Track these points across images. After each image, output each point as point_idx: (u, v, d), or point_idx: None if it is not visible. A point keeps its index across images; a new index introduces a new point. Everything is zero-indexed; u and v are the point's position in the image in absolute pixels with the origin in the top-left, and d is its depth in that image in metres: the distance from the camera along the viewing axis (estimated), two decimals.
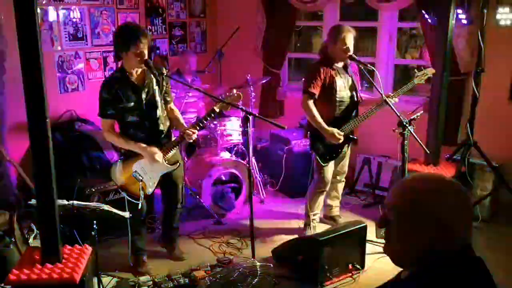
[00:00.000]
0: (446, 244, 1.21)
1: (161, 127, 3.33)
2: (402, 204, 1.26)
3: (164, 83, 3.33)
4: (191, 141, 3.40)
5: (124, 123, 3.25)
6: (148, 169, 3.30)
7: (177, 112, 3.54)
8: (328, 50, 3.70)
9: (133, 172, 3.27)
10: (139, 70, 3.22)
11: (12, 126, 4.20)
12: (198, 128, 3.32)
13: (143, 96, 3.22)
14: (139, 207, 3.27)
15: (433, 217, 1.20)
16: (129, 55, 3.10)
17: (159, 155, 3.24)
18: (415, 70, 3.84)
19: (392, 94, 3.70)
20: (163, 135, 3.35)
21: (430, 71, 3.79)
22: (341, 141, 3.67)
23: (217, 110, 3.29)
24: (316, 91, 3.64)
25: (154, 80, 3.23)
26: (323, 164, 3.79)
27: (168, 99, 3.43)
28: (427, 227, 1.21)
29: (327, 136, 3.66)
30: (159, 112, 3.29)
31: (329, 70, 3.67)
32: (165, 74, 3.21)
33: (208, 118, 3.32)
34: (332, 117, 3.70)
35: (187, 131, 3.27)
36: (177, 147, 3.41)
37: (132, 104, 3.19)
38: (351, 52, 3.61)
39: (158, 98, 3.25)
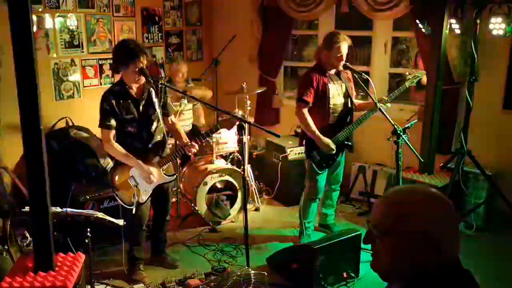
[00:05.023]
0: (435, 258, 1.18)
1: (158, 138, 3.36)
2: (387, 220, 1.22)
3: (163, 94, 3.35)
4: (190, 154, 3.41)
5: (122, 133, 3.26)
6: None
7: (178, 125, 3.57)
8: (322, 56, 3.71)
9: (129, 177, 3.27)
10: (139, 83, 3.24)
11: (7, 133, 4.19)
12: (199, 142, 3.35)
13: (141, 108, 3.25)
14: (133, 212, 3.25)
15: (420, 232, 1.17)
16: (128, 71, 3.15)
17: (154, 177, 3.27)
18: (407, 73, 3.87)
19: (385, 98, 3.68)
20: (159, 146, 3.37)
21: (421, 73, 3.80)
22: (334, 151, 3.68)
23: (219, 126, 3.30)
24: (310, 99, 3.64)
25: (153, 92, 3.24)
26: (320, 172, 3.79)
27: (167, 111, 3.43)
28: (414, 242, 1.18)
29: (321, 145, 3.66)
30: (156, 123, 3.31)
31: (322, 78, 3.66)
32: (160, 82, 3.23)
33: (210, 134, 3.37)
34: (326, 125, 3.71)
35: (189, 146, 3.29)
36: (175, 159, 3.43)
37: (131, 116, 3.22)
38: (344, 61, 3.62)
39: (158, 110, 3.25)
